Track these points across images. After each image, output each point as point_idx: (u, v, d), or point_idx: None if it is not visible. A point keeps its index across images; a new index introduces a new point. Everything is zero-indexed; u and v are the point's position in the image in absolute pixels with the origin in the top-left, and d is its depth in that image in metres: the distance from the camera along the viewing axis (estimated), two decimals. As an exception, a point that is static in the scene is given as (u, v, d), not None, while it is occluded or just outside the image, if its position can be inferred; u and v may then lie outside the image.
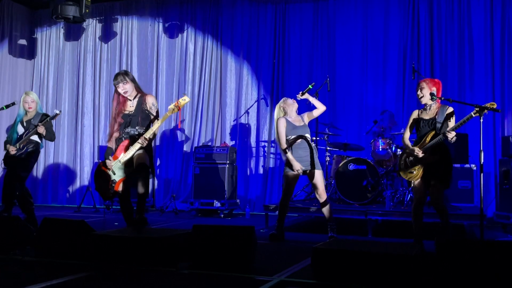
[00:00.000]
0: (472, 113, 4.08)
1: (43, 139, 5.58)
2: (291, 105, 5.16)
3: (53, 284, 3.12)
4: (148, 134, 4.52)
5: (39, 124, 5.38)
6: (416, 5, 7.65)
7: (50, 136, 5.57)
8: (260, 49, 8.48)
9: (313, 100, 5.29)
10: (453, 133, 4.15)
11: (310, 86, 5.33)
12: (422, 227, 4.44)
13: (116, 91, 4.74)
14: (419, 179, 4.38)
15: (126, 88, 4.66)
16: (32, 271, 3.59)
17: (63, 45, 9.72)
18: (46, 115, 5.58)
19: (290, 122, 5.11)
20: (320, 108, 5.23)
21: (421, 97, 4.41)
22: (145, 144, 4.53)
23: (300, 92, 5.31)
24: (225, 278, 3.35)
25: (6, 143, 5.53)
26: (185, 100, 4.61)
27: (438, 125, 4.32)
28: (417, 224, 4.44)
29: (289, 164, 5.02)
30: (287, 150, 5.02)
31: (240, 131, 8.49)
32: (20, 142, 5.38)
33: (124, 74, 4.71)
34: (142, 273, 3.45)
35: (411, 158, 4.43)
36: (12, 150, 5.37)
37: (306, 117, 5.23)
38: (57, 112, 5.58)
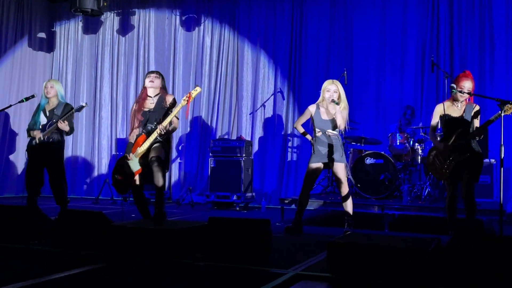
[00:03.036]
0: (501, 112, 4.03)
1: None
2: (327, 92, 4.98)
3: (71, 274, 3.16)
4: (165, 122, 4.55)
5: (60, 120, 5.24)
6: (436, -3, 7.53)
7: (70, 130, 5.44)
8: (277, 42, 8.45)
9: (337, 115, 4.91)
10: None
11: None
12: (457, 222, 4.47)
13: (144, 86, 4.83)
14: (449, 176, 4.38)
15: (154, 81, 4.75)
16: (51, 261, 3.65)
17: (82, 38, 9.81)
18: (69, 106, 5.48)
19: (319, 112, 5.05)
20: (340, 126, 4.96)
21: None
22: (163, 132, 4.54)
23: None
24: (241, 270, 3.36)
25: (29, 130, 5.43)
26: (196, 90, 4.64)
27: (467, 123, 4.32)
28: (452, 219, 4.48)
29: (311, 158, 5.06)
30: (304, 133, 5.29)
31: (256, 124, 8.48)
32: (44, 134, 5.29)
33: (160, 73, 4.90)
34: (158, 264, 3.48)
35: (440, 156, 4.40)
36: (37, 134, 5.28)
37: (339, 115, 4.91)
38: (83, 104, 5.48)
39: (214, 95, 8.71)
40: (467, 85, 4.36)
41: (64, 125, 5.28)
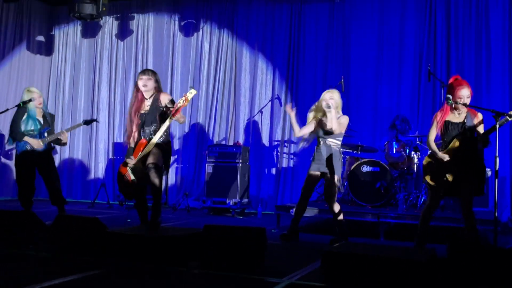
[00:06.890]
0: (498, 123, 4.02)
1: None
2: (324, 102, 4.98)
3: (67, 281, 3.16)
4: (165, 125, 4.50)
5: (65, 131, 5.60)
6: (433, 6, 7.54)
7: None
8: (274, 49, 8.48)
9: (333, 119, 4.91)
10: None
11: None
12: (427, 232, 4.42)
13: (136, 87, 4.70)
14: (443, 188, 4.28)
15: (147, 84, 4.61)
16: (46, 267, 3.64)
17: (80, 42, 9.83)
18: (53, 115, 5.80)
19: (322, 122, 5.06)
20: (335, 130, 4.95)
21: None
22: (174, 111, 4.44)
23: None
24: (235, 279, 3.37)
25: (20, 137, 5.40)
26: (192, 93, 4.54)
27: (469, 130, 4.24)
28: (424, 228, 4.41)
29: (311, 164, 5.05)
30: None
31: (253, 130, 8.49)
32: (43, 141, 5.46)
33: (152, 71, 4.76)
34: (153, 271, 3.48)
35: (440, 164, 4.28)
36: (38, 144, 5.42)
37: (334, 119, 4.89)
38: (95, 119, 6.07)
39: (212, 101, 8.73)
40: (465, 93, 4.25)
41: (66, 136, 5.62)
